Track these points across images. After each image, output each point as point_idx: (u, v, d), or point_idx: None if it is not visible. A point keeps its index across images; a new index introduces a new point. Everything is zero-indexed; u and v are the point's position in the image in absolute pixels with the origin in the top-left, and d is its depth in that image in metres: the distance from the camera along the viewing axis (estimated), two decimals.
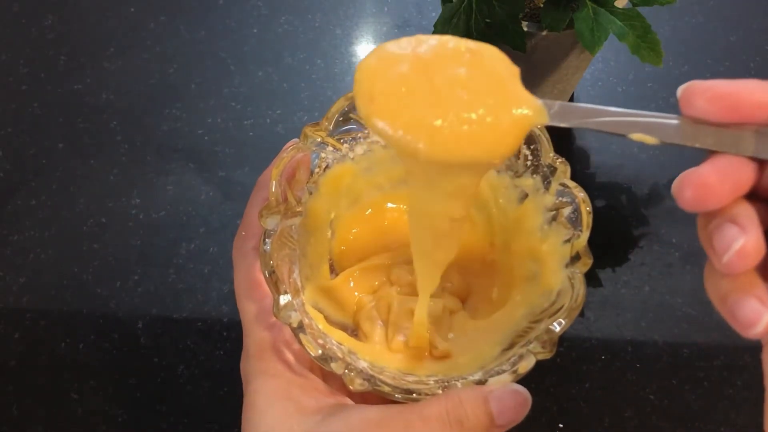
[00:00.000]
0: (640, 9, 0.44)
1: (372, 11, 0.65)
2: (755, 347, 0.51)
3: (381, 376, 0.31)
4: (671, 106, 0.58)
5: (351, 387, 0.29)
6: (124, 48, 0.62)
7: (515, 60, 0.52)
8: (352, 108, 0.36)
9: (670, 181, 0.60)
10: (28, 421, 0.45)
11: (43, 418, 0.46)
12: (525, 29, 0.46)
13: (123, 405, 0.46)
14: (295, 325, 0.30)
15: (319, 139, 0.35)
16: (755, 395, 0.46)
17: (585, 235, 0.33)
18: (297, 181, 0.34)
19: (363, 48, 0.62)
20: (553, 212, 0.35)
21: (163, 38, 0.63)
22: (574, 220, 0.34)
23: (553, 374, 0.45)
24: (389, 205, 0.39)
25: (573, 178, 0.57)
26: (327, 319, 0.35)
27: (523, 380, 0.38)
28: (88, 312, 0.49)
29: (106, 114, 0.58)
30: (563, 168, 0.35)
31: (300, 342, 0.30)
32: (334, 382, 0.32)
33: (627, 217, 0.53)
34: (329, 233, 0.38)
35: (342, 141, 0.36)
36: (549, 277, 0.34)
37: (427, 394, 0.30)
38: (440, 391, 0.30)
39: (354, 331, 0.36)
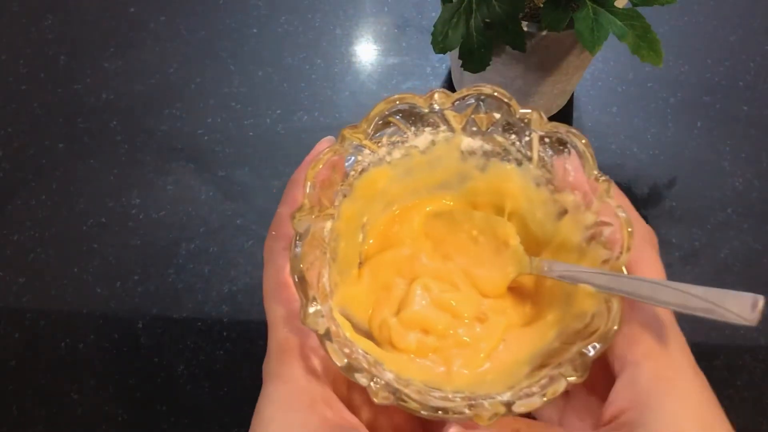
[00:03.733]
0: (640, 9, 0.44)
1: (372, 11, 0.65)
2: (755, 347, 0.51)
3: (406, 390, 0.30)
4: (671, 106, 0.58)
5: (375, 400, 0.29)
6: (124, 48, 0.62)
7: (515, 60, 0.52)
8: (393, 112, 0.35)
9: (671, 181, 0.61)
10: (28, 421, 0.45)
11: (43, 418, 0.46)
12: (525, 29, 0.46)
13: (123, 405, 0.46)
14: (321, 332, 0.29)
15: (356, 142, 0.34)
16: (755, 395, 0.46)
17: (624, 257, 0.32)
18: (331, 183, 0.33)
19: (363, 48, 0.62)
20: (592, 231, 0.34)
21: (163, 38, 0.63)
22: (614, 241, 0.33)
23: None
24: (427, 208, 0.39)
25: None
26: (354, 327, 0.34)
27: None
28: (88, 312, 0.49)
29: (106, 114, 0.58)
30: (606, 186, 0.33)
31: (326, 350, 0.29)
32: (353, 393, 0.31)
33: None
34: (360, 237, 0.37)
35: (380, 144, 0.36)
36: (584, 298, 0.33)
37: (453, 412, 0.29)
38: (467, 410, 0.29)
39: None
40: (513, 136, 0.36)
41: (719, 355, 0.48)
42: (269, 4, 0.65)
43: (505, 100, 0.35)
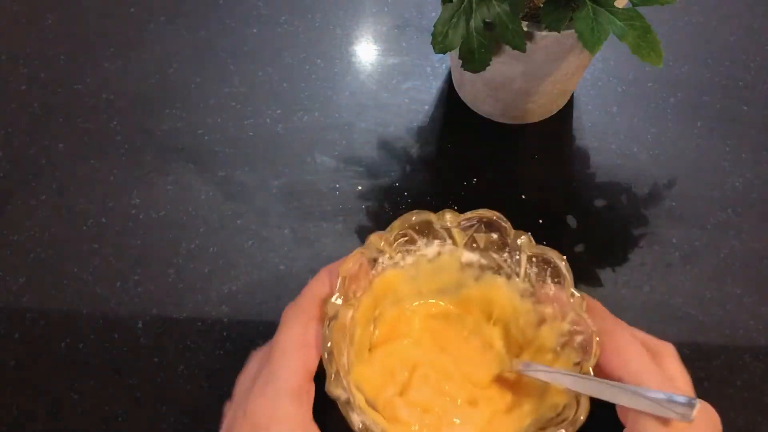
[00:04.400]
0: (640, 9, 0.44)
1: (372, 11, 0.65)
2: (755, 347, 0.51)
3: None
4: (670, 106, 0.58)
5: None
6: (124, 48, 0.62)
7: (515, 60, 0.53)
8: (412, 225, 0.42)
9: (671, 181, 0.61)
10: (28, 421, 0.45)
11: (43, 418, 0.46)
12: (525, 29, 0.46)
13: (123, 405, 0.46)
14: (343, 399, 0.36)
15: (379, 248, 0.42)
16: (755, 395, 0.46)
17: (593, 361, 0.38)
18: (357, 278, 0.41)
19: (363, 48, 0.62)
20: (567, 338, 0.40)
21: (163, 38, 0.63)
22: (585, 347, 0.38)
23: None
24: (428, 310, 0.45)
25: (573, 177, 0.58)
26: (365, 400, 0.40)
27: None
28: (88, 312, 0.49)
29: (106, 114, 0.58)
30: (580, 301, 0.40)
31: (345, 415, 0.36)
32: None
33: (627, 217, 0.53)
34: (372, 327, 0.44)
35: (397, 251, 0.43)
36: (556, 393, 0.38)
37: None
38: None
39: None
40: (506, 254, 0.43)
41: (719, 355, 0.48)
42: (269, 4, 0.65)
43: (503, 224, 0.42)
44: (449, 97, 0.59)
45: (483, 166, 0.45)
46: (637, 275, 0.51)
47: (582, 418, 0.36)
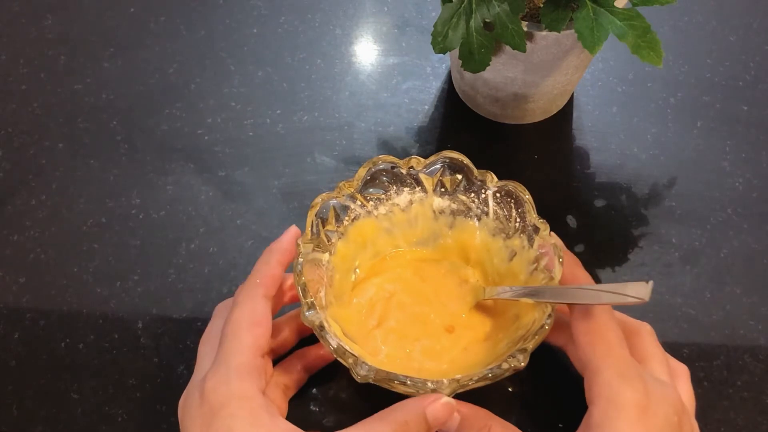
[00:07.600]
0: (640, 9, 0.44)
1: (372, 11, 0.65)
2: (755, 347, 0.51)
3: (381, 367, 0.37)
4: (671, 105, 0.58)
5: (358, 378, 0.36)
6: (124, 48, 0.62)
7: (515, 60, 0.52)
8: (380, 170, 0.44)
9: (670, 181, 0.61)
10: (28, 421, 0.45)
11: (43, 418, 0.46)
12: (525, 29, 0.46)
13: (123, 405, 0.46)
14: (317, 323, 0.37)
15: (349, 192, 0.43)
16: (755, 395, 0.46)
17: (557, 275, 0.40)
18: (328, 223, 0.43)
19: (363, 48, 0.62)
20: (535, 264, 0.42)
21: (163, 38, 0.63)
22: (549, 265, 0.40)
23: (553, 374, 0.45)
24: (407, 257, 0.47)
25: (573, 177, 0.58)
26: (350, 340, 0.41)
27: (523, 379, 0.38)
28: (88, 312, 0.49)
29: (106, 114, 0.58)
30: (544, 227, 0.41)
31: (321, 338, 0.37)
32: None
33: (627, 217, 0.53)
34: (353, 277, 0.45)
35: (368, 199, 0.44)
36: (526, 313, 0.41)
37: (419, 383, 0.36)
38: (429, 384, 0.36)
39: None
40: (472, 194, 0.45)
41: (719, 355, 0.48)
42: (269, 4, 0.65)
43: (465, 162, 0.44)
44: (449, 97, 0.59)
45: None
46: (637, 275, 0.51)
47: (549, 321, 0.38)
